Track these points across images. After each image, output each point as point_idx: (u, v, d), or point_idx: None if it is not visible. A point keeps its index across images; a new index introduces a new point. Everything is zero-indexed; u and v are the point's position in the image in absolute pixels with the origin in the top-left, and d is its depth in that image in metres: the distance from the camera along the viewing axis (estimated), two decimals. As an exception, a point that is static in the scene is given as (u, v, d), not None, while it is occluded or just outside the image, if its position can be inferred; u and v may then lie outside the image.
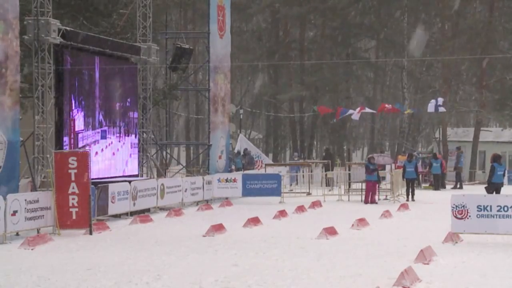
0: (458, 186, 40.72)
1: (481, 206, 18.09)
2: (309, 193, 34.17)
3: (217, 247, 17.46)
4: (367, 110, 46.65)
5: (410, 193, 32.15)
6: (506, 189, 26.32)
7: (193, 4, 53.03)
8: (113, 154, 28.09)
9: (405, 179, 32.77)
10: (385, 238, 19.13)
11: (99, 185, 23.63)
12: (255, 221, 22.36)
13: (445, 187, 40.17)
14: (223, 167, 35.84)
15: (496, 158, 26.19)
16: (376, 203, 30.24)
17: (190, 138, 66.50)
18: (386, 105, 46.34)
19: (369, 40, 66.42)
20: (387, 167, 36.47)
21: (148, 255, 16.37)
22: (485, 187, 26.08)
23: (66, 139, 24.68)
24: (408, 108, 50.95)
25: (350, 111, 45.42)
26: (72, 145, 24.85)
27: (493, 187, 25.38)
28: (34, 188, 22.69)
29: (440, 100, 45.50)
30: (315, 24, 62.76)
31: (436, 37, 58.85)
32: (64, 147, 24.29)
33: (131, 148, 29.53)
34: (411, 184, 32.52)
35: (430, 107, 46.07)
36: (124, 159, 28.94)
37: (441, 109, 46.21)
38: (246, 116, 66.10)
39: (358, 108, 45.37)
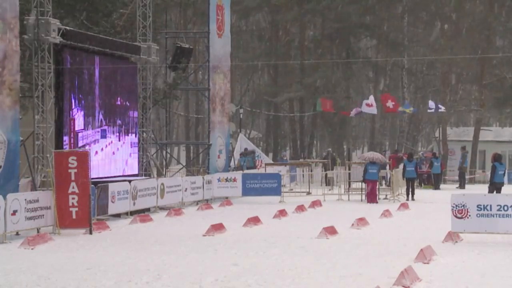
0: (462, 185, 40.62)
1: (481, 205, 18.08)
2: (309, 193, 34.16)
3: (217, 247, 17.45)
4: (368, 110, 46.60)
5: (410, 193, 32.16)
6: (506, 189, 26.32)
7: (193, 3, 52.96)
8: (113, 153, 28.08)
9: (405, 179, 32.78)
10: (385, 238, 19.12)
11: (99, 185, 23.63)
12: (255, 220, 22.35)
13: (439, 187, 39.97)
14: (223, 167, 35.84)
15: (497, 158, 26.20)
16: (377, 202, 30.25)
17: (190, 137, 66.46)
18: (387, 103, 46.25)
19: (369, 40, 66.38)
20: (387, 167, 36.41)
21: (148, 254, 16.36)
22: (488, 187, 26.11)
23: (66, 138, 24.67)
24: (410, 107, 50.94)
25: (358, 109, 45.75)
26: (72, 145, 24.84)
27: (495, 187, 25.40)
28: (34, 188, 22.67)
29: (440, 105, 45.75)
30: (315, 24, 62.69)
31: (436, 36, 58.82)
32: (64, 147, 24.28)
33: (131, 147, 29.53)
34: (411, 183, 32.52)
35: (431, 104, 46.19)
36: (124, 159, 28.93)
37: (441, 108, 46.31)
38: (246, 116, 66.04)
39: (365, 103, 45.47)
